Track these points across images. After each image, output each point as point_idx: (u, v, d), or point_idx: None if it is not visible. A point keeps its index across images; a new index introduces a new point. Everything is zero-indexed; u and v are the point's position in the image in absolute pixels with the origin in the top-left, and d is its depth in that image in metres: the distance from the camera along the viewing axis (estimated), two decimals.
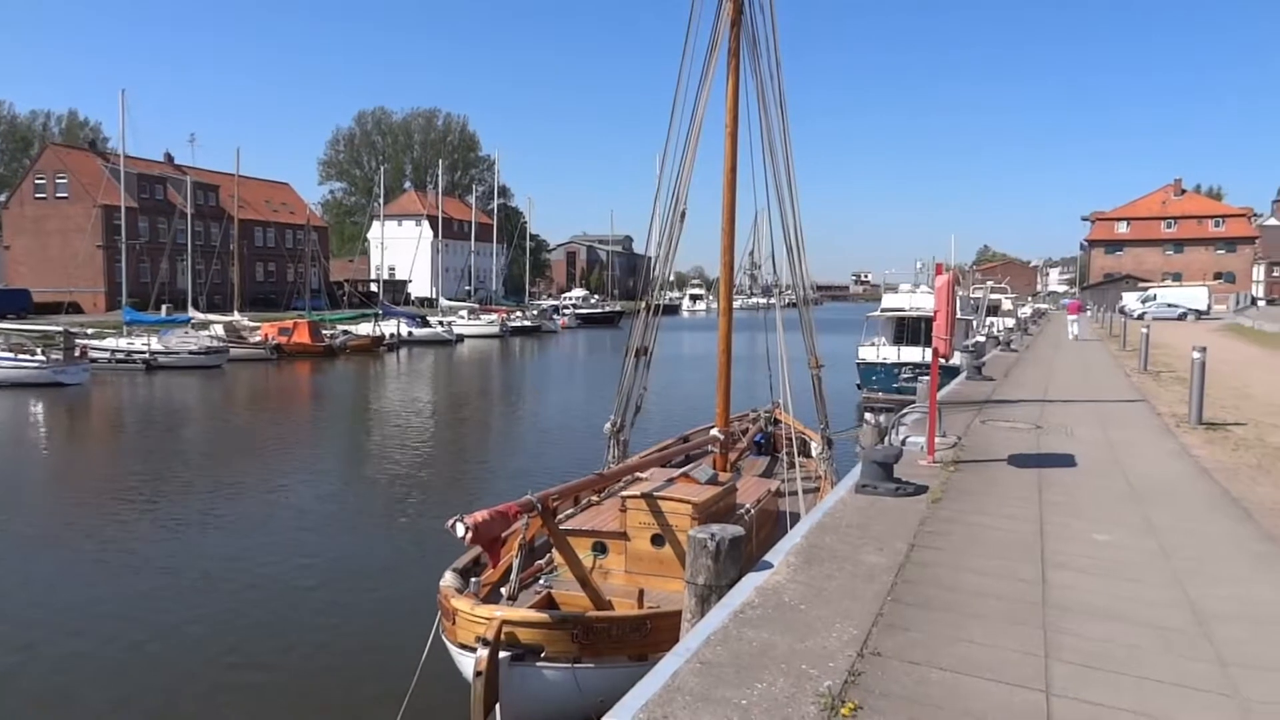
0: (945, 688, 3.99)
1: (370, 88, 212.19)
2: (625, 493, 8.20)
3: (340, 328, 51.78)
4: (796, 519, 7.73)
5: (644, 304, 12.13)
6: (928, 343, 22.81)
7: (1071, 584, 5.52)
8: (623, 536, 7.90)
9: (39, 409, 27.04)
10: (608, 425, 11.37)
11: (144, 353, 38.41)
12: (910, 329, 28.54)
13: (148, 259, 60.06)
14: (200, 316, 45.94)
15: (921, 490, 7.81)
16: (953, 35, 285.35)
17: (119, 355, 38.27)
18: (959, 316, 24.71)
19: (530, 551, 7.85)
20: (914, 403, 13.85)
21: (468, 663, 6.30)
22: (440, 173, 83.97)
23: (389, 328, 53.32)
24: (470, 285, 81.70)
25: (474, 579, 7.27)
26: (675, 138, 11.11)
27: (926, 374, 10.24)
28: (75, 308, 56.22)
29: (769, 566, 5.60)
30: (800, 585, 5.28)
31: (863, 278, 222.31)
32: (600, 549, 7.98)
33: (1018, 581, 5.55)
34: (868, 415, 10.02)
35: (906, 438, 10.08)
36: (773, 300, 13.00)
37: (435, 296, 75.09)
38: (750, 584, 5.25)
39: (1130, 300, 62.81)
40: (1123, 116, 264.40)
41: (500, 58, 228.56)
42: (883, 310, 31.20)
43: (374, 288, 74.74)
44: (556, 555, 7.76)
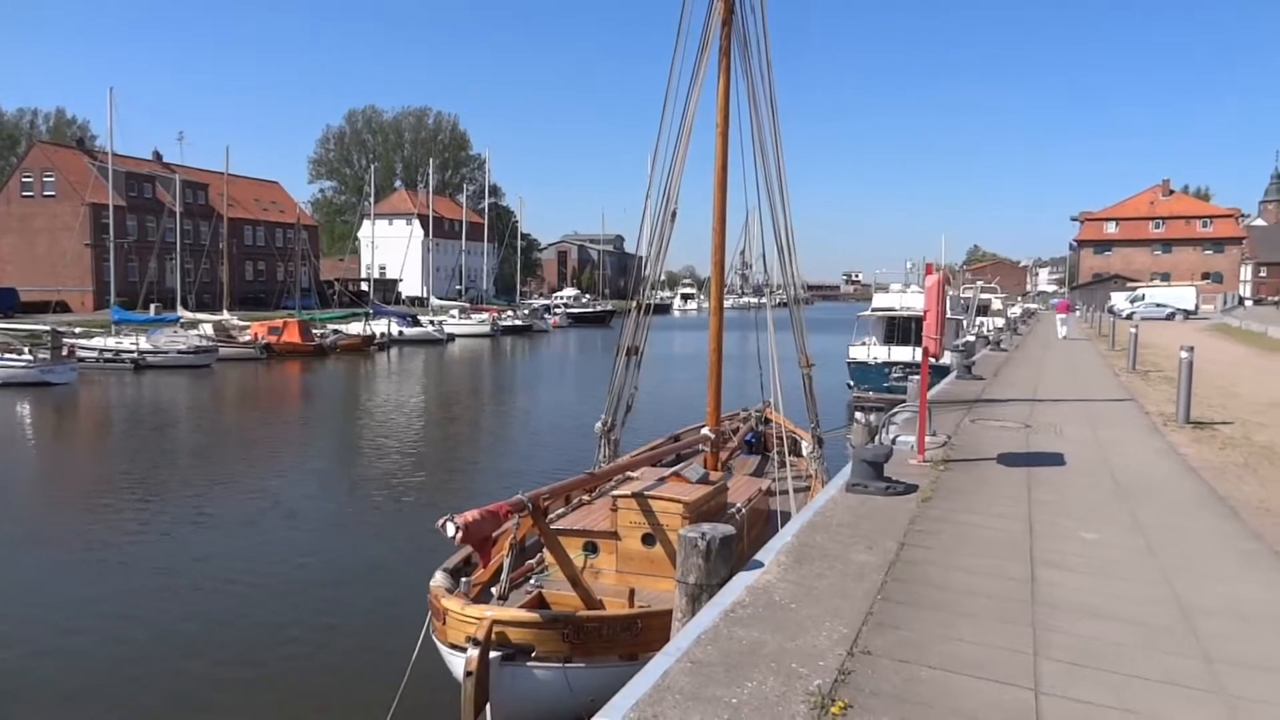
0: (935, 686, 4.01)
1: (361, 87, 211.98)
2: (616, 492, 8.20)
3: (330, 327, 51.54)
4: (787, 518, 7.75)
5: (635, 303, 12.13)
6: (918, 342, 22.89)
7: (1060, 582, 5.55)
8: (614, 536, 7.89)
9: (26, 408, 26.85)
10: (598, 424, 11.37)
11: (132, 352, 38.19)
12: (900, 328, 28.63)
13: (136, 258, 59.78)
14: (189, 316, 45.69)
15: (911, 489, 7.84)
16: (949, 36, 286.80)
17: (107, 355, 38.04)
18: (949, 316, 24.73)
19: (521, 551, 7.82)
20: (904, 402, 13.89)
21: (458, 663, 6.29)
22: (431, 171, 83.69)
23: (379, 327, 53.15)
24: (461, 284, 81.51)
25: (464, 579, 7.25)
26: (666, 137, 11.10)
27: (917, 373, 10.27)
28: (63, 307, 55.74)
29: (759, 565, 5.61)
30: (791, 584, 5.29)
31: (853, 277, 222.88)
32: (591, 548, 7.98)
33: (1007, 580, 5.57)
34: (858, 414, 10.02)
35: (897, 437, 10.10)
36: (764, 299, 13.03)
37: (426, 296, 74.97)
38: (741, 583, 5.25)
39: (1119, 300, 63.12)
40: (1112, 118, 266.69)
41: (492, 57, 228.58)
42: (873, 310, 31.28)
43: (364, 287, 74.48)
44: (547, 555, 7.74)
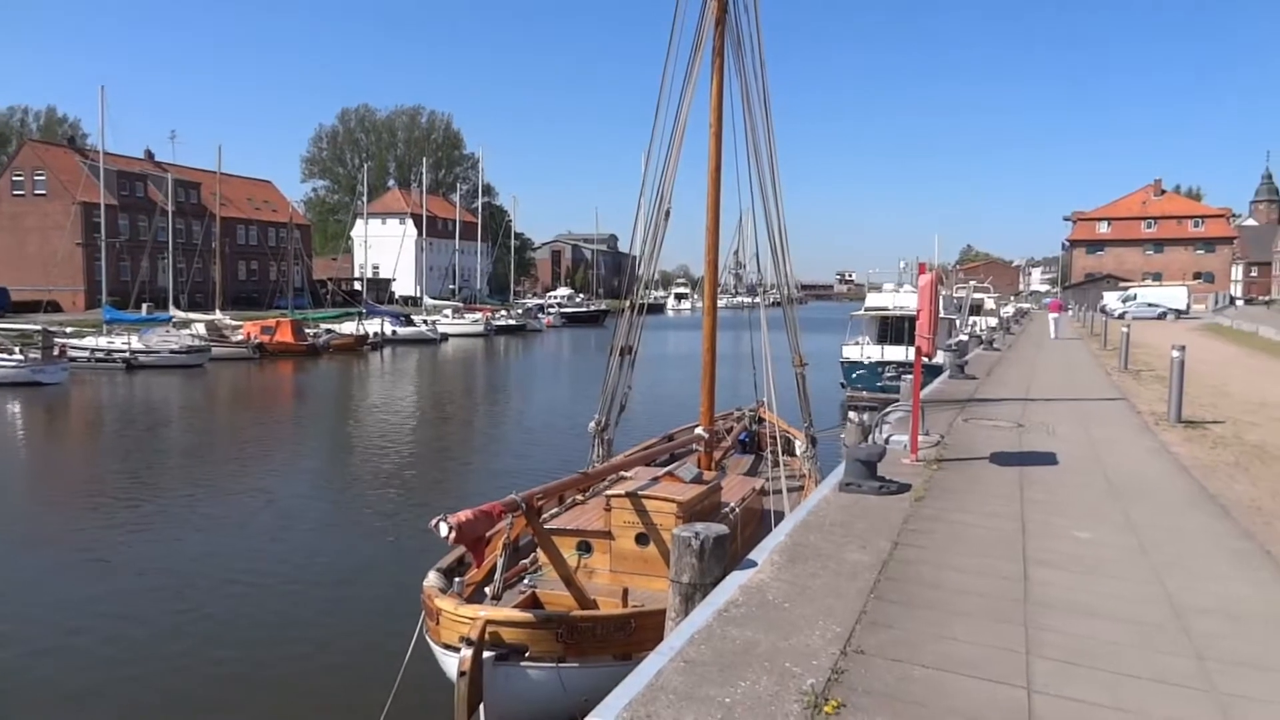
0: (928, 685, 4.01)
1: (354, 86, 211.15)
2: (610, 492, 8.19)
3: (323, 326, 51.46)
4: (781, 517, 7.75)
5: (629, 303, 12.12)
6: (911, 341, 22.89)
7: (1053, 581, 5.56)
8: (607, 535, 7.89)
9: (16, 408, 26.71)
10: (592, 424, 11.36)
11: (124, 352, 38.04)
12: (894, 328, 28.66)
13: (128, 257, 59.43)
14: (181, 315, 45.55)
15: (905, 488, 7.85)
16: (943, 36, 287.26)
17: (99, 354, 37.89)
18: (942, 316, 24.82)
19: (514, 551, 7.83)
20: (897, 401, 13.91)
21: (451, 663, 6.28)
22: (424, 171, 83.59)
23: (373, 327, 53.08)
24: (454, 284, 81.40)
25: (458, 579, 7.25)
26: (660, 137, 11.11)
27: (910, 373, 10.29)
28: (54, 306, 55.50)
29: (753, 565, 5.61)
30: (784, 583, 5.29)
31: (847, 277, 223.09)
32: (585, 548, 7.97)
33: (1000, 579, 5.58)
34: (851, 414, 10.05)
35: (890, 436, 10.12)
36: (757, 299, 13.03)
37: (419, 295, 74.83)
38: (734, 582, 5.25)
39: (1111, 300, 63.29)
40: (1106, 118, 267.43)
41: (485, 56, 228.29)
42: (866, 309, 31.32)
43: (358, 286, 74.34)
44: (541, 555, 7.75)
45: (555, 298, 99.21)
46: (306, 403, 31.71)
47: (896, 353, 26.82)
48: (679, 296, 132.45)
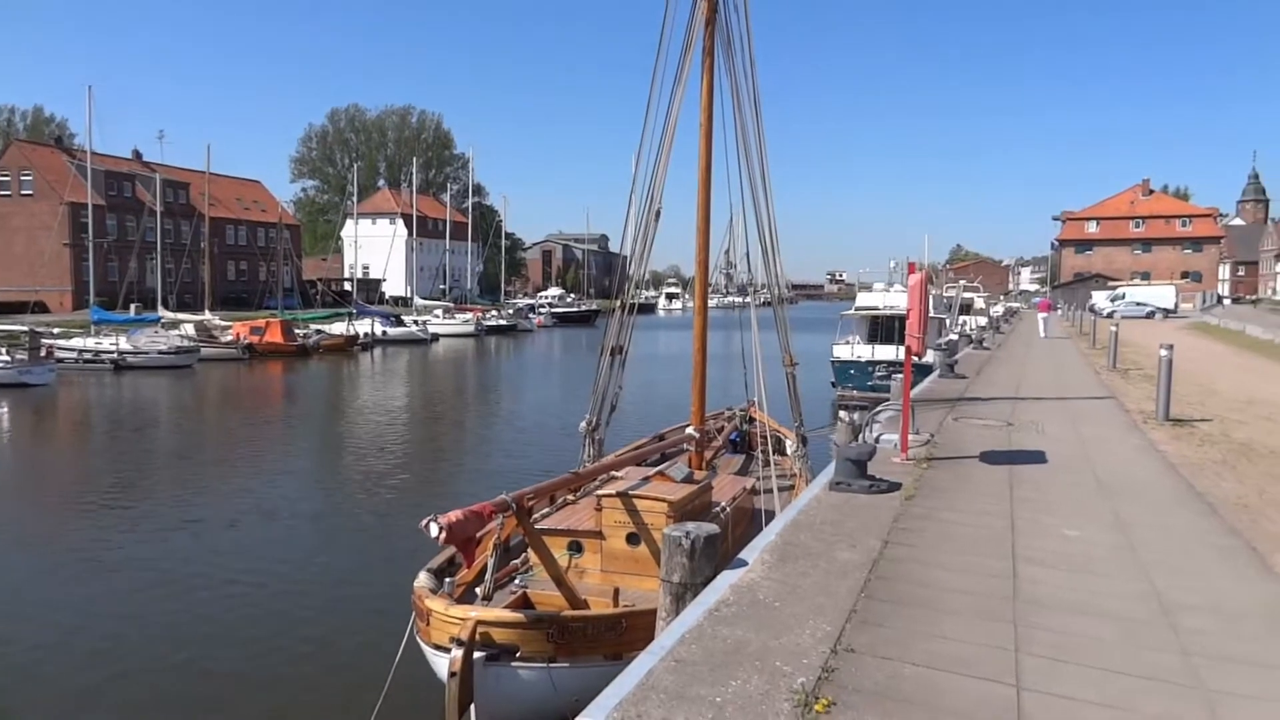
0: (918, 683, 4.02)
1: (343, 86, 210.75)
2: (601, 491, 8.19)
3: (313, 327, 51.22)
4: (771, 516, 7.77)
5: (619, 303, 12.12)
6: (901, 341, 22.99)
7: (1042, 579, 5.58)
8: (598, 535, 7.89)
9: (4, 410, 26.51)
10: (583, 424, 11.35)
11: (112, 352, 37.81)
12: (884, 327, 28.74)
13: (116, 257, 59.14)
14: (170, 316, 45.31)
15: (895, 487, 7.87)
16: (938, 37, 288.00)
17: (86, 355, 37.64)
18: (932, 315, 24.93)
19: (505, 551, 7.80)
20: (888, 400, 13.95)
21: (442, 663, 6.27)
22: (414, 171, 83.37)
23: (363, 327, 52.88)
24: (445, 284, 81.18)
25: (448, 579, 7.23)
26: (650, 137, 11.11)
27: (900, 372, 10.32)
28: (41, 307, 55.12)
29: (744, 564, 5.62)
30: (775, 582, 5.30)
31: (837, 276, 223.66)
32: (576, 548, 7.97)
33: (989, 577, 5.61)
34: (842, 413, 10.08)
35: (880, 435, 10.15)
36: (748, 299, 13.05)
37: (410, 295, 74.64)
38: (725, 582, 5.26)
39: (1100, 299, 63.58)
40: (1093, 119, 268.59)
41: (475, 57, 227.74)
42: (857, 309, 31.40)
43: (348, 286, 74.09)
44: (532, 555, 7.73)
45: (546, 298, 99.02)
46: (296, 403, 31.59)
47: (887, 352, 26.91)
48: (670, 296, 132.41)
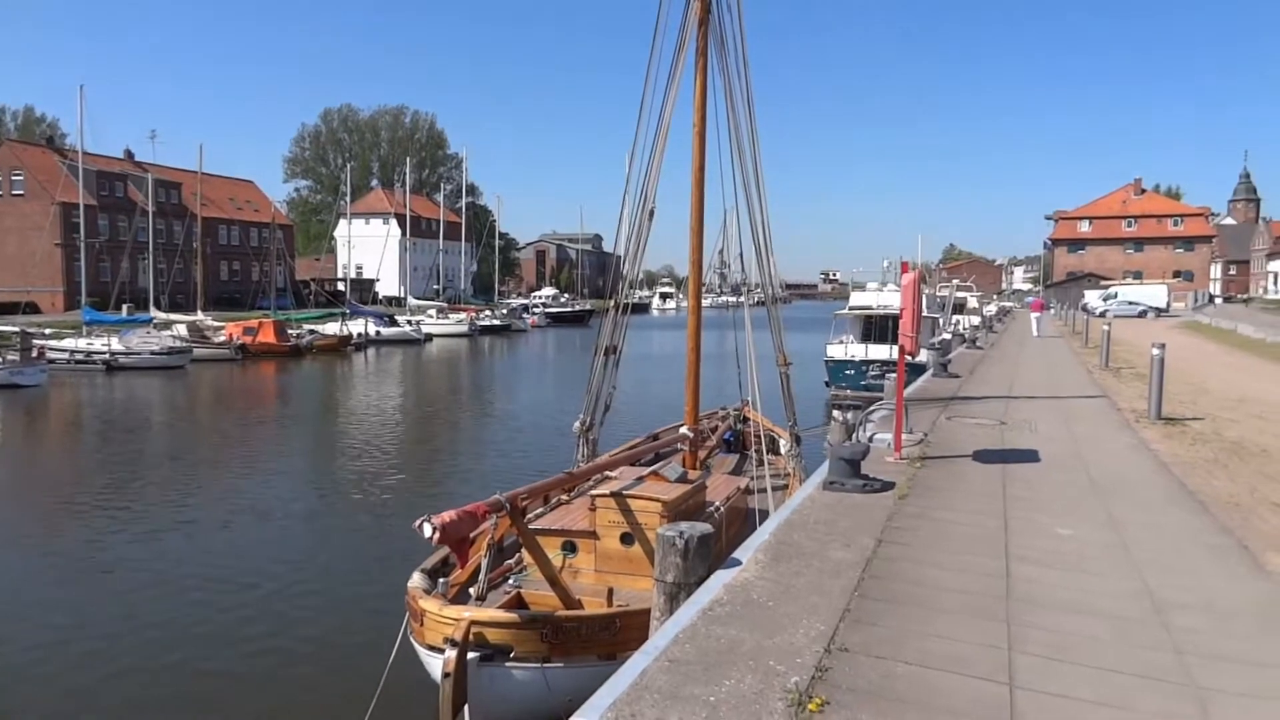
0: (911, 681, 4.03)
1: (336, 86, 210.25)
2: (595, 491, 8.19)
3: (307, 327, 51.13)
4: (765, 516, 7.76)
5: (613, 302, 12.11)
6: (894, 340, 22.98)
7: (1035, 577, 5.60)
8: (592, 535, 7.88)
9: None
10: (577, 424, 11.34)
11: (104, 353, 37.67)
12: (877, 327, 28.77)
13: (108, 258, 58.80)
14: (162, 316, 45.17)
15: (888, 486, 7.88)
16: (932, 38, 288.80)
17: (78, 356, 37.49)
18: (925, 314, 24.93)
19: (499, 551, 7.81)
20: (881, 400, 13.96)
21: (436, 664, 6.26)
22: (408, 171, 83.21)
23: (356, 327, 52.78)
24: (439, 284, 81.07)
25: (442, 579, 7.22)
26: (644, 136, 11.11)
27: (893, 371, 10.33)
28: (32, 308, 54.79)
29: (737, 564, 5.61)
30: (768, 582, 5.30)
31: (831, 276, 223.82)
32: (570, 548, 7.96)
33: (983, 576, 5.61)
34: (835, 412, 10.07)
35: (874, 434, 10.16)
36: (741, 299, 13.05)
37: (403, 295, 74.44)
38: (719, 581, 5.26)
39: (1092, 298, 63.80)
40: (1085, 119, 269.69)
41: (470, 57, 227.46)
42: (850, 308, 31.45)
43: (341, 286, 73.91)
44: (525, 555, 7.73)
45: (540, 298, 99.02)
46: (290, 404, 31.50)
47: (880, 351, 26.94)
48: (664, 296, 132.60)
